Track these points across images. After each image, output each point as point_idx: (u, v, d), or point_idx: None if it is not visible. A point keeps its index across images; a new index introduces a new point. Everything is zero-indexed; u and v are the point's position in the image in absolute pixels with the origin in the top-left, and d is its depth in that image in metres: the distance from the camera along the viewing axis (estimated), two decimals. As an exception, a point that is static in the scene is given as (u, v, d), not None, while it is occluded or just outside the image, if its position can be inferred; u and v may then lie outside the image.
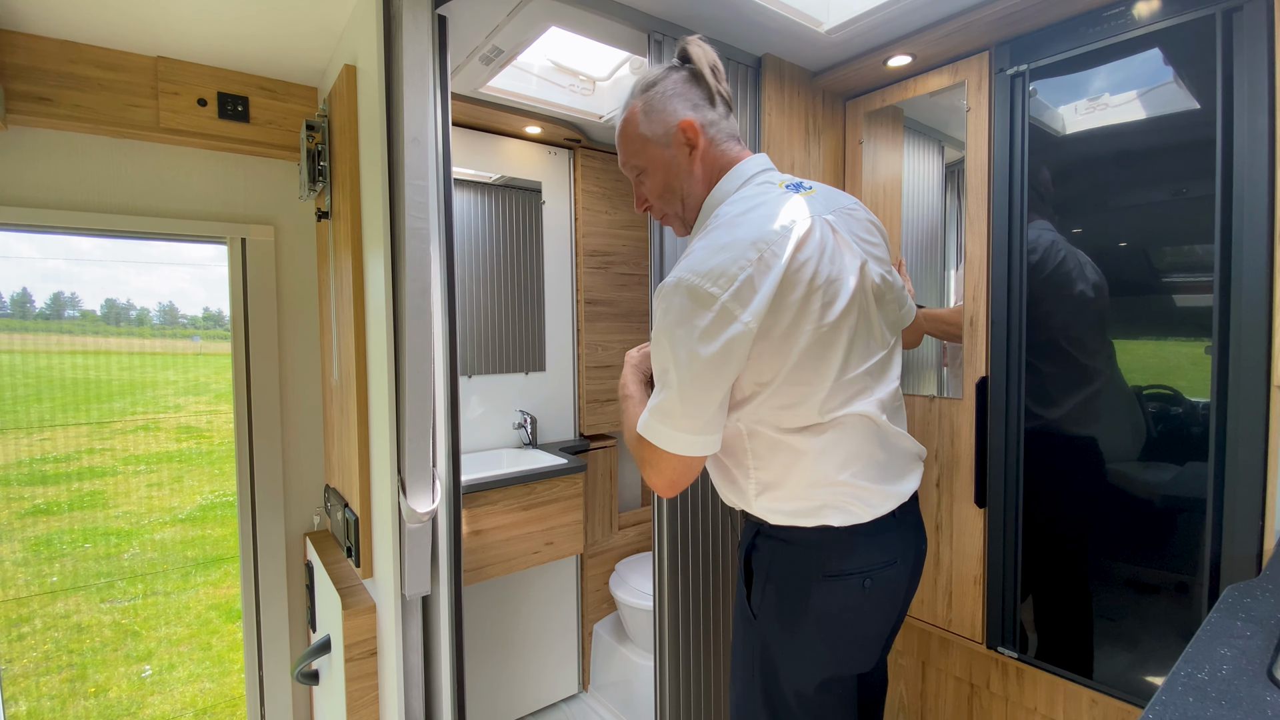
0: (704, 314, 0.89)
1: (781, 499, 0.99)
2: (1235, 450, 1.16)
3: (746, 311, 0.89)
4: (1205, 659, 0.69)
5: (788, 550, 1.01)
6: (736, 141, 1.07)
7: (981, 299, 1.52)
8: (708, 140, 1.03)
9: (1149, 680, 1.29)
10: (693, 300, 0.90)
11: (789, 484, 0.98)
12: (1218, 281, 1.17)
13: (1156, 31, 1.24)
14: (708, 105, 1.04)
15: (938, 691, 1.75)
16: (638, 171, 1.09)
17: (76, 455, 3.30)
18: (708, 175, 1.05)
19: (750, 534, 1.06)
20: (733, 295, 0.89)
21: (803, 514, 0.99)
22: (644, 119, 1.04)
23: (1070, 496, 1.40)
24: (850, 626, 1.01)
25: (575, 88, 2.02)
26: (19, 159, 1.53)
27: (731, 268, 0.90)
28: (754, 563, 1.04)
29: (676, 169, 1.05)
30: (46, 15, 1.39)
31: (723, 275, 0.89)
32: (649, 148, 1.05)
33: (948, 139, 1.87)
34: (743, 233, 0.93)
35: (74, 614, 2.76)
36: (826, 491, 0.98)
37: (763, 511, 1.01)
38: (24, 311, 2.49)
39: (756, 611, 1.03)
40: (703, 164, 1.04)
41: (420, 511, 1.17)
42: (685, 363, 0.90)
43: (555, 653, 2.28)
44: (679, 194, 1.06)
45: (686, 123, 1.02)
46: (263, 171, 1.84)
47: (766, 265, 0.90)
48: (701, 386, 0.91)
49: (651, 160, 1.05)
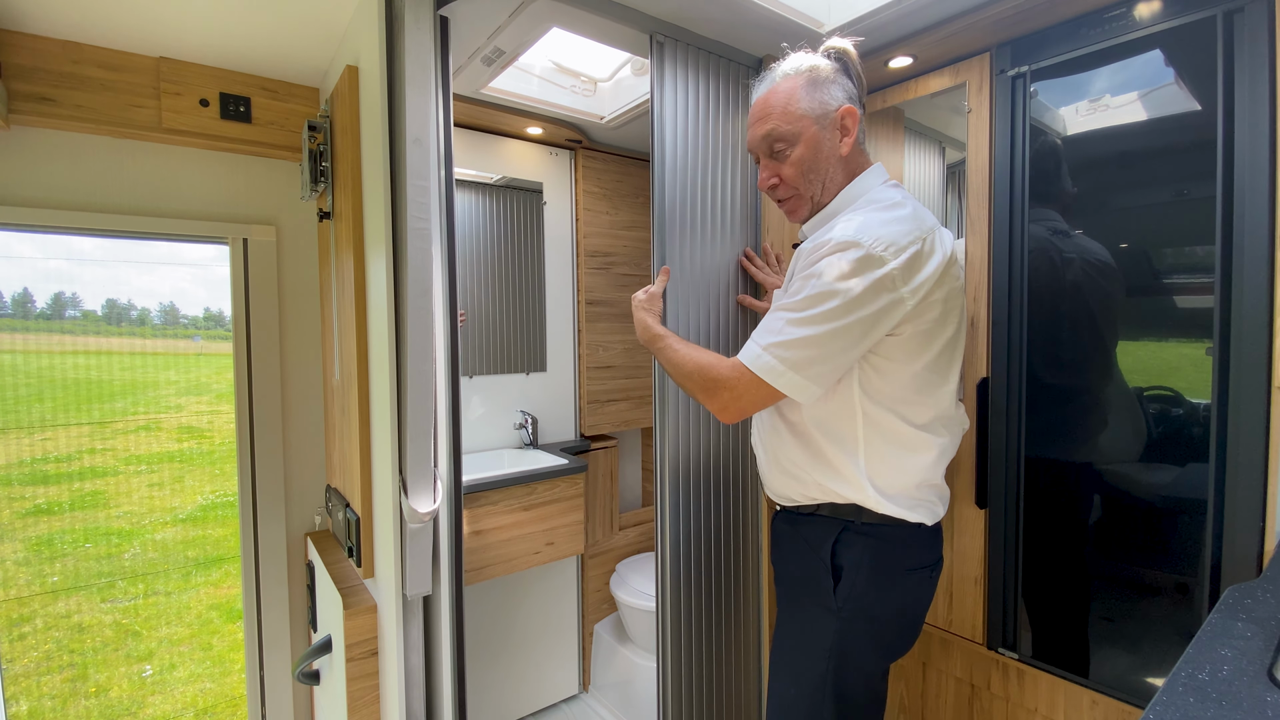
0: (869, 274, 0.92)
1: (892, 493, 1.03)
2: (1236, 451, 1.16)
3: (908, 286, 0.93)
4: (1206, 659, 0.69)
5: (879, 545, 1.05)
6: (866, 144, 1.14)
7: (983, 300, 1.52)
8: (857, 133, 1.07)
9: (1149, 681, 1.29)
10: (858, 259, 0.92)
11: (903, 478, 1.04)
12: (1219, 283, 1.17)
13: (1158, 33, 1.24)
14: (859, 104, 1.09)
15: (938, 692, 1.75)
16: (784, 145, 1.08)
17: (77, 455, 3.31)
18: (849, 167, 1.08)
19: (834, 530, 1.08)
20: (902, 266, 0.92)
21: (907, 508, 1.04)
22: (806, 93, 1.05)
23: (1071, 498, 1.40)
24: (919, 614, 1.12)
25: (576, 89, 2.02)
26: (21, 159, 1.53)
27: (902, 239, 0.93)
28: (841, 557, 1.07)
29: (827, 151, 1.07)
30: (49, 15, 1.39)
31: (893, 244, 0.93)
32: (805, 123, 1.05)
33: (948, 140, 1.87)
34: (908, 212, 0.98)
35: (75, 614, 2.76)
36: (930, 491, 1.07)
37: (870, 501, 1.03)
38: (25, 311, 2.49)
39: (841, 604, 1.05)
40: (850, 153, 1.07)
41: (421, 511, 1.17)
42: (832, 313, 0.93)
43: (556, 653, 2.28)
44: (822, 176, 1.08)
45: (849, 109, 1.05)
46: (264, 172, 1.84)
47: (932, 249, 0.96)
48: (840, 339, 0.94)
49: (805, 134, 1.06)
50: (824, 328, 0.94)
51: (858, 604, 1.05)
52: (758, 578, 1.68)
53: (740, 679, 1.65)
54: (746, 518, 1.64)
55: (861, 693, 1.09)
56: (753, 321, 1.63)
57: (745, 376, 1.00)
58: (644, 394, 2.50)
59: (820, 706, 1.07)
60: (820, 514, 1.10)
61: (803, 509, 1.14)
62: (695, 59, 1.52)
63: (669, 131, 1.44)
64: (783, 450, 1.13)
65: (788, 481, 1.14)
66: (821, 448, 1.06)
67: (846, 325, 0.93)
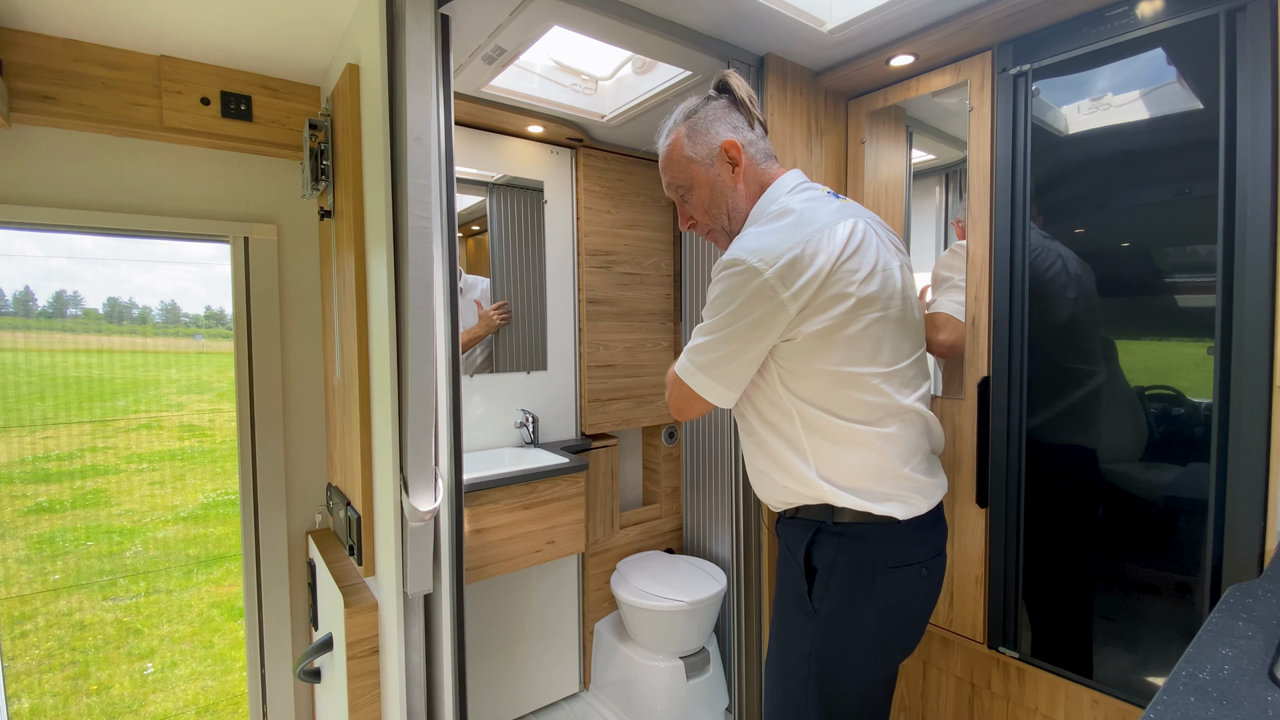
0: (748, 284, 0.98)
1: (850, 489, 1.05)
2: (1237, 451, 1.15)
3: (789, 290, 0.97)
4: (1207, 659, 0.69)
5: (852, 545, 1.05)
6: (774, 160, 1.17)
7: (984, 299, 1.51)
8: (748, 158, 1.13)
9: (1150, 680, 1.29)
10: (738, 273, 0.99)
11: (856, 474, 1.05)
12: (1220, 282, 1.17)
13: (1159, 31, 1.24)
14: (747, 128, 1.14)
15: (939, 691, 1.75)
16: (683, 191, 1.18)
17: (79, 453, 3.31)
18: (750, 190, 1.14)
19: (809, 531, 1.09)
20: (777, 273, 0.97)
21: (872, 502, 1.05)
22: (688, 142, 1.14)
23: (1072, 497, 1.40)
24: (908, 615, 1.10)
25: (577, 87, 2.02)
26: (22, 157, 1.53)
27: (778, 248, 0.99)
28: (816, 558, 1.08)
29: (721, 185, 1.14)
30: (51, 14, 1.39)
31: (767, 254, 0.98)
32: (693, 168, 1.14)
33: (950, 139, 1.87)
34: (789, 221, 1.03)
35: (76, 611, 2.77)
36: (892, 484, 1.06)
37: (830, 497, 1.05)
38: (27, 310, 2.49)
39: (818, 606, 1.06)
40: (745, 180, 1.14)
41: (422, 510, 1.17)
42: (723, 322, 1.02)
43: (556, 651, 2.28)
44: (724, 208, 1.15)
45: (729, 143, 1.12)
46: (265, 170, 1.84)
47: (815, 251, 0.99)
48: (732, 343, 1.02)
49: (696, 179, 1.15)
50: (718, 334, 1.03)
51: (832, 605, 1.06)
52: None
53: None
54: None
55: (853, 698, 1.08)
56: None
57: (673, 377, 1.11)
58: (644, 393, 2.50)
59: (806, 711, 1.08)
60: (799, 516, 1.12)
61: (784, 513, 1.16)
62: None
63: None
64: (751, 456, 1.17)
65: (763, 485, 1.16)
66: (777, 450, 1.09)
67: (734, 331, 1.01)
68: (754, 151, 1.14)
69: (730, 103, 1.15)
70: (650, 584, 2.14)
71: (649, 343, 2.51)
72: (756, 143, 1.15)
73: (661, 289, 2.55)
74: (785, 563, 1.15)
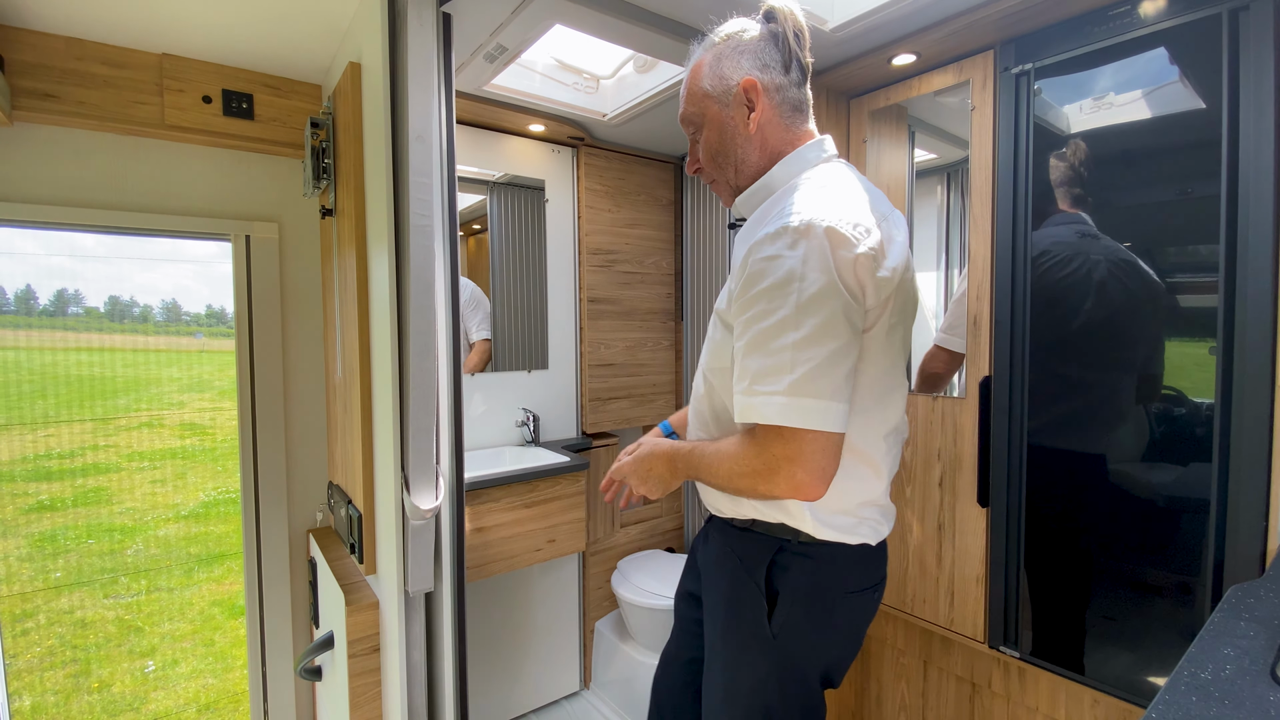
0: (846, 251, 0.80)
1: (834, 514, 0.93)
2: (1239, 451, 1.15)
3: (887, 261, 0.83)
4: (1208, 659, 0.69)
5: (818, 568, 0.95)
6: (804, 115, 0.99)
7: (985, 298, 1.51)
8: (770, 105, 0.96)
9: (1151, 680, 1.29)
10: (829, 238, 0.80)
11: (845, 499, 0.93)
12: (1222, 282, 1.17)
13: (1162, 30, 1.24)
14: (780, 69, 0.96)
15: (939, 690, 1.75)
16: (694, 128, 1.02)
17: (80, 451, 3.32)
18: (767, 144, 0.97)
19: (769, 550, 0.96)
20: (874, 243, 0.82)
21: (847, 530, 0.94)
22: (709, 71, 0.98)
23: (1073, 496, 1.40)
24: (860, 633, 1.02)
25: (579, 85, 2.02)
26: (24, 155, 1.53)
27: (866, 217, 0.84)
28: (778, 582, 0.95)
29: (732, 130, 0.97)
30: (53, 12, 1.39)
31: (859, 222, 0.82)
32: (707, 103, 0.98)
33: (952, 138, 1.87)
34: (862, 190, 0.89)
35: (77, 609, 2.77)
36: (872, 510, 0.96)
37: (809, 526, 0.93)
38: (28, 308, 2.49)
39: (777, 631, 0.95)
40: (761, 130, 0.97)
41: (424, 508, 1.17)
42: (816, 308, 0.78)
43: (557, 650, 2.29)
44: (732, 158, 0.99)
45: (750, 82, 0.94)
46: (267, 168, 1.84)
47: (892, 230, 0.87)
48: (838, 335, 0.79)
49: (709, 116, 0.99)
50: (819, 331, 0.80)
51: (794, 631, 0.95)
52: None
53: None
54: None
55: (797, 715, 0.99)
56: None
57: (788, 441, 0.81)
58: (645, 392, 2.50)
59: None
60: (755, 529, 0.99)
61: (736, 522, 1.02)
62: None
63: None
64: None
65: (721, 496, 1.02)
66: None
67: (840, 316, 0.81)
68: (779, 100, 0.96)
69: (770, 36, 0.97)
70: (651, 583, 2.14)
71: (650, 342, 2.51)
72: (786, 89, 0.96)
73: (663, 288, 2.55)
74: (738, 580, 0.99)
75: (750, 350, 0.83)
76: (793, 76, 0.97)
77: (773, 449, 0.81)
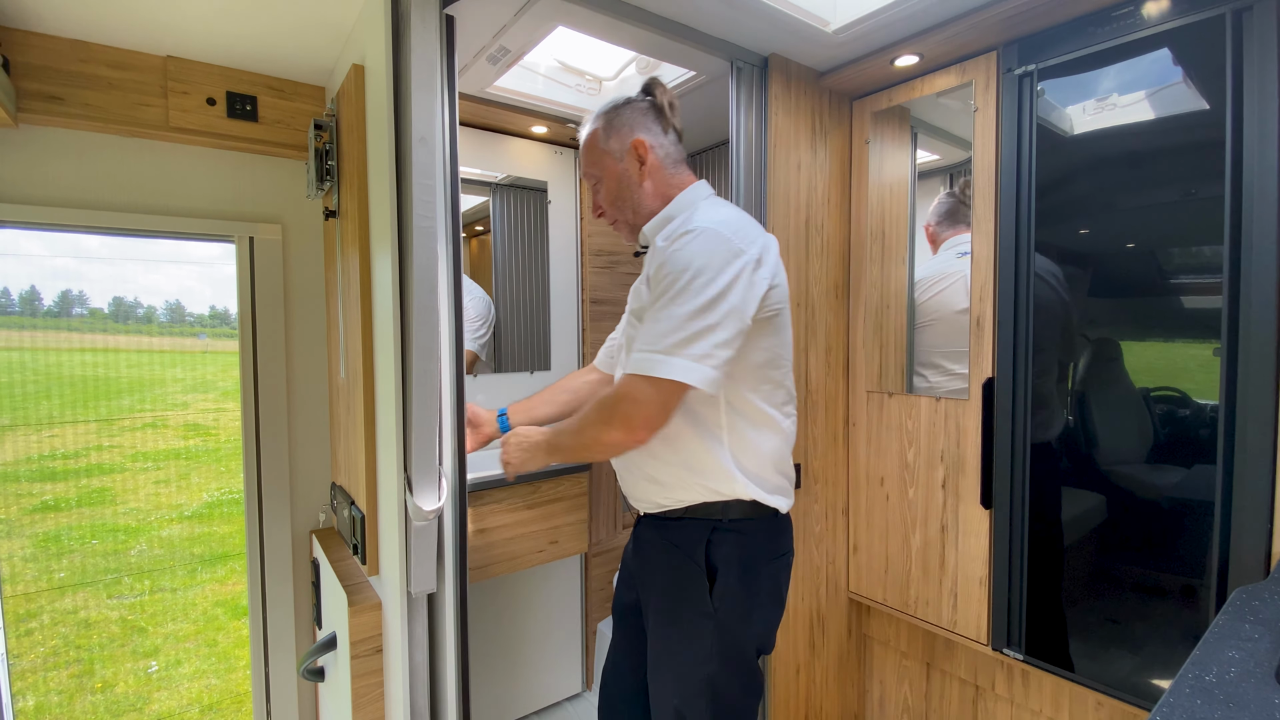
0: (737, 258, 1.01)
1: (756, 477, 1.11)
2: (1244, 453, 1.15)
3: (765, 269, 1.04)
4: (1213, 661, 0.69)
5: (745, 540, 1.10)
6: (684, 167, 1.23)
7: (988, 299, 1.51)
8: (656, 159, 1.19)
9: (1155, 683, 1.28)
10: (724, 245, 1.01)
11: (764, 462, 1.12)
12: (1226, 283, 1.17)
13: (1165, 31, 1.24)
14: (661, 132, 1.20)
15: (942, 693, 1.75)
16: (595, 181, 1.24)
17: (84, 452, 3.33)
18: (655, 188, 1.20)
19: (704, 531, 1.10)
20: (755, 254, 1.04)
21: (769, 493, 1.12)
22: (604, 135, 1.21)
23: (1077, 498, 1.40)
24: (782, 596, 1.18)
25: (581, 87, 2.02)
26: (29, 157, 1.54)
27: (751, 231, 1.07)
28: (715, 557, 1.09)
29: (628, 180, 1.20)
30: (58, 15, 1.40)
31: (745, 236, 1.05)
32: (606, 160, 1.21)
33: (955, 139, 1.86)
34: (743, 218, 1.11)
35: (81, 610, 2.78)
36: (783, 477, 1.16)
37: (739, 488, 1.09)
38: (33, 309, 2.50)
39: (718, 604, 1.08)
40: (651, 179, 1.19)
41: (426, 509, 1.17)
42: (702, 290, 0.98)
43: (559, 651, 2.29)
44: (630, 203, 1.21)
45: (639, 141, 1.18)
46: (270, 170, 1.85)
47: (769, 244, 1.09)
48: (715, 313, 0.98)
49: (607, 171, 1.21)
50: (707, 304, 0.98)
51: (733, 600, 1.08)
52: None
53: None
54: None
55: (740, 684, 1.11)
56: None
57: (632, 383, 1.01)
58: (648, 393, 2.50)
59: (702, 712, 1.09)
60: (690, 516, 1.12)
61: (671, 513, 1.15)
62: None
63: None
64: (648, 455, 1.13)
65: (652, 488, 1.15)
66: (690, 441, 1.09)
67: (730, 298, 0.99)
68: (663, 154, 1.19)
69: (652, 106, 1.21)
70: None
71: (652, 343, 2.51)
72: (668, 147, 1.20)
73: (665, 289, 2.54)
74: (676, 566, 1.12)
75: (646, 324, 1.02)
76: (670, 137, 1.22)
77: (621, 389, 1.01)
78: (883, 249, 1.79)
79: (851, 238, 1.85)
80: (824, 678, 1.85)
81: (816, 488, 1.79)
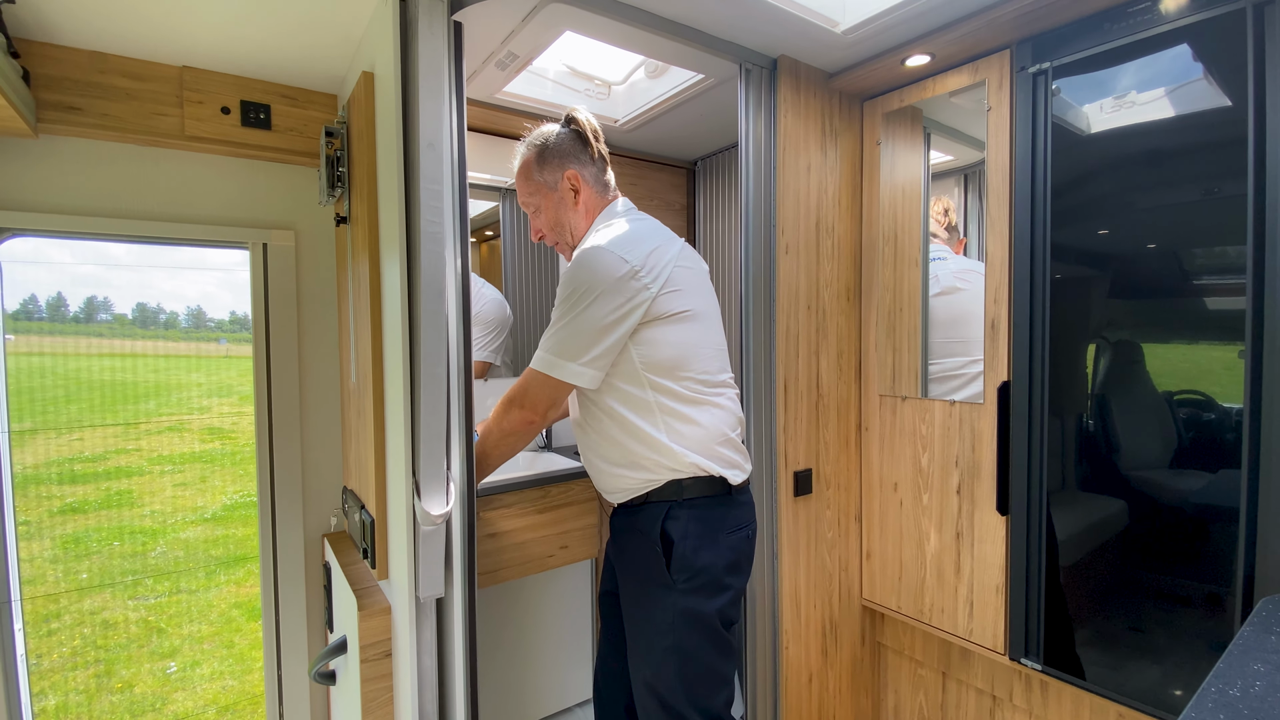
0: (614, 272, 1.14)
1: (697, 450, 1.20)
2: (1270, 457, 1.11)
3: (650, 275, 1.16)
4: (1237, 674, 0.67)
5: (700, 514, 1.20)
6: (609, 187, 1.36)
7: (1003, 301, 1.49)
8: (588, 186, 1.31)
9: (1178, 695, 1.24)
10: (603, 263, 1.15)
11: (700, 436, 1.21)
12: (1250, 283, 1.13)
13: (1184, 27, 1.21)
14: (590, 160, 1.32)
15: (958, 703, 1.71)
16: (533, 208, 1.35)
17: (106, 455, 3.39)
18: (588, 212, 1.32)
19: (660, 513, 1.21)
20: (636, 264, 1.15)
21: (714, 462, 1.21)
22: (537, 167, 1.31)
23: (1097, 504, 1.37)
24: (745, 565, 1.26)
25: (590, 92, 2.02)
26: (51, 167, 1.57)
27: (639, 245, 1.18)
28: (671, 531, 1.19)
29: (564, 208, 1.32)
30: (77, 27, 1.43)
31: (631, 249, 1.17)
32: (543, 191, 1.32)
33: (968, 139, 1.84)
34: (640, 227, 1.24)
35: (102, 610, 2.82)
36: (727, 449, 1.24)
37: (681, 462, 1.19)
38: (58, 315, 2.56)
39: (675, 573, 1.17)
40: (585, 205, 1.31)
41: (434, 514, 1.17)
42: (584, 301, 1.14)
43: (569, 657, 2.28)
44: (567, 228, 1.33)
45: (572, 173, 1.30)
46: (283, 177, 1.87)
47: (663, 251, 1.20)
48: (593, 321, 1.14)
49: (544, 201, 1.32)
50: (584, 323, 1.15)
51: (690, 567, 1.17)
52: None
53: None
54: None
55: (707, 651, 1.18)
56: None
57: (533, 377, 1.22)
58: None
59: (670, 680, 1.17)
60: (650, 501, 1.23)
61: (635, 500, 1.26)
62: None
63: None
64: (599, 446, 1.27)
65: (616, 477, 1.26)
66: (629, 426, 1.21)
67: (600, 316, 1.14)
68: (592, 181, 1.32)
69: (577, 135, 1.31)
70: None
71: (663, 347, 2.50)
72: (595, 173, 1.32)
73: (676, 293, 2.54)
74: (636, 546, 1.24)
75: (548, 328, 1.21)
76: (598, 163, 1.33)
77: (521, 384, 1.23)
78: (895, 251, 1.76)
79: (863, 240, 1.83)
80: (837, 686, 1.82)
81: (828, 493, 1.77)
